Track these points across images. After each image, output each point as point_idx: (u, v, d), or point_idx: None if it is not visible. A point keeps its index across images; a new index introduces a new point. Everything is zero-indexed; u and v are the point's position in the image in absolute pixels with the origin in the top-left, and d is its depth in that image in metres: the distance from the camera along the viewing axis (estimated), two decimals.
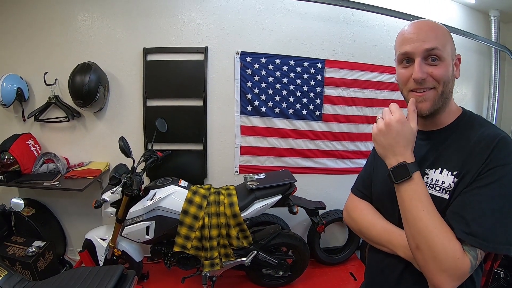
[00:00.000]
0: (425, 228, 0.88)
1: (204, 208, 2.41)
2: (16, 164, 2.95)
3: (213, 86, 2.91)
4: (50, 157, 3.03)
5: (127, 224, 2.46)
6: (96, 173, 2.85)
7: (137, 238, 2.48)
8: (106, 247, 2.67)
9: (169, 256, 2.55)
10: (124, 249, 2.68)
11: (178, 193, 2.44)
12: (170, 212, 2.40)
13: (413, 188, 0.92)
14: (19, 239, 3.07)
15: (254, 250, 2.49)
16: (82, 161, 3.10)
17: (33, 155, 3.05)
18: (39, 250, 2.87)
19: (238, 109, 2.94)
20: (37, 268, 2.78)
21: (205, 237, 2.38)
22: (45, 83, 2.98)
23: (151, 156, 2.60)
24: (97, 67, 2.81)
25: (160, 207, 2.39)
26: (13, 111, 3.26)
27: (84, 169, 2.93)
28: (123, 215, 2.46)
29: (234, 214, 2.39)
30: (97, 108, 2.89)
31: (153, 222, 2.40)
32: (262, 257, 2.53)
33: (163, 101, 2.91)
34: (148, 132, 2.92)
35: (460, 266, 0.85)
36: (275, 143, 3.03)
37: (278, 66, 2.92)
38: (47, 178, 2.88)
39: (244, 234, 2.45)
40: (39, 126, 3.18)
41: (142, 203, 2.41)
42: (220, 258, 2.42)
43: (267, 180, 2.56)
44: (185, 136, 2.93)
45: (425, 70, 0.96)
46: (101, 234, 2.72)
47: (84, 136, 3.06)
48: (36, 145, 3.10)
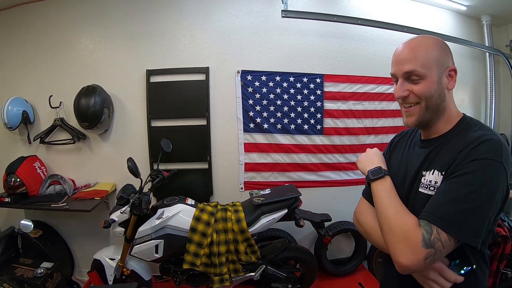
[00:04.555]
0: (385, 211, 1.07)
1: (212, 225, 2.44)
2: (23, 186, 2.98)
3: (215, 105, 2.97)
4: (57, 179, 3.06)
5: (136, 243, 2.48)
6: (103, 193, 2.88)
7: (146, 256, 2.50)
8: (115, 266, 2.68)
9: (178, 273, 2.57)
10: (133, 268, 2.69)
11: (186, 211, 2.47)
12: (178, 230, 2.43)
13: (383, 184, 1.14)
14: (27, 261, 3.07)
15: (262, 264, 2.52)
16: (89, 183, 3.13)
17: (39, 177, 3.08)
18: (47, 271, 2.88)
19: (241, 127, 2.99)
20: None
21: (213, 254, 2.41)
22: (50, 106, 3.03)
23: (158, 176, 2.64)
24: (101, 89, 2.87)
25: (168, 225, 2.42)
26: (18, 134, 3.30)
27: (91, 190, 2.96)
28: (132, 234, 2.49)
29: (241, 230, 2.42)
30: (102, 130, 2.94)
31: (162, 240, 2.42)
32: (270, 271, 2.56)
33: (167, 122, 2.96)
34: (153, 152, 2.96)
35: (411, 237, 0.96)
36: (279, 158, 3.07)
37: (278, 83, 2.98)
38: (55, 200, 2.91)
39: (252, 249, 2.48)
40: (44, 149, 3.22)
41: (151, 222, 2.43)
42: (229, 274, 2.45)
43: (273, 195, 2.59)
44: (189, 155, 2.98)
45: (406, 88, 1.08)
46: (110, 254, 2.74)
47: (90, 157, 3.10)
48: (42, 167, 3.14)
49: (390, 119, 3.23)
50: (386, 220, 1.05)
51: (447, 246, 0.94)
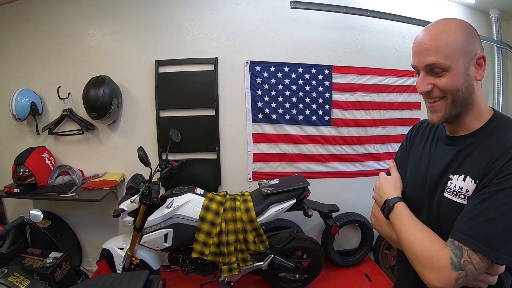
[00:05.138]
0: (407, 239, 1.01)
1: (221, 214, 2.45)
2: (32, 177, 3.00)
3: (224, 95, 2.98)
4: (66, 170, 3.08)
5: (146, 233, 2.49)
6: (112, 183, 2.89)
7: (155, 246, 2.52)
8: (124, 256, 2.70)
9: (187, 263, 2.59)
10: (142, 258, 2.71)
11: (195, 201, 2.49)
12: (187, 220, 2.45)
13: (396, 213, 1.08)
14: (36, 251, 3.10)
15: (270, 254, 2.53)
16: (97, 173, 3.15)
17: (48, 167, 3.10)
18: (56, 261, 2.90)
19: (250, 117, 3.00)
20: (54, 279, 2.81)
21: (222, 243, 2.43)
22: (59, 97, 3.04)
23: (167, 166, 2.66)
24: (110, 80, 2.87)
25: (177, 215, 2.44)
26: (27, 125, 3.32)
27: (100, 180, 2.97)
28: (141, 224, 2.50)
29: (250, 219, 2.44)
30: (111, 121, 2.95)
31: (171, 229, 2.44)
32: (278, 261, 2.57)
33: (176, 112, 2.97)
34: (161, 142, 2.98)
35: (437, 262, 0.92)
36: (287, 149, 3.08)
37: (287, 74, 2.98)
38: (63, 190, 2.93)
39: (261, 239, 2.49)
40: (53, 139, 3.23)
41: (160, 211, 2.44)
42: (237, 263, 2.47)
43: (282, 185, 2.60)
44: (198, 145, 2.99)
45: (429, 82, 0.98)
46: (119, 244, 2.76)
47: (98, 148, 3.12)
48: (51, 158, 3.15)
49: (398, 111, 3.22)
50: (409, 246, 0.99)
51: (480, 267, 0.89)
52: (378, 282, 2.90)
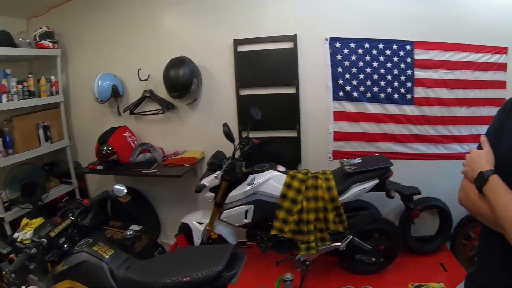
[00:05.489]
0: (503, 211, 0.93)
1: (302, 192, 2.43)
2: (114, 155, 3.18)
3: (304, 72, 2.92)
4: (147, 147, 3.21)
5: (226, 208, 2.55)
6: (192, 160, 2.97)
7: (235, 221, 2.56)
8: (203, 230, 2.78)
9: (265, 239, 2.60)
10: (220, 233, 2.78)
11: (277, 178, 2.49)
12: (269, 196, 2.46)
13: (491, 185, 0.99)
14: (116, 223, 3.28)
15: (349, 235, 2.48)
16: (177, 151, 3.27)
17: (130, 146, 3.26)
18: (136, 233, 3.05)
19: (330, 95, 2.94)
20: (134, 250, 2.95)
21: (302, 221, 2.41)
22: (139, 79, 3.17)
23: (248, 143, 2.68)
24: (189, 60, 2.93)
25: (259, 191, 2.46)
26: (108, 106, 3.51)
27: (180, 158, 3.08)
28: (222, 199, 2.55)
29: (332, 198, 2.39)
30: (191, 100, 3.02)
31: (252, 206, 2.47)
32: (356, 243, 2.51)
33: (256, 90, 2.98)
34: (241, 120, 3.01)
35: None
36: (368, 128, 2.99)
37: (368, 50, 2.87)
38: (145, 167, 3.07)
39: (340, 219, 2.44)
40: (134, 119, 3.39)
41: (242, 187, 2.48)
42: (316, 242, 2.43)
43: (364, 164, 2.53)
44: (278, 123, 2.98)
45: None
46: (198, 218, 2.84)
47: (178, 126, 3.23)
48: (133, 137, 3.31)
49: (483, 91, 2.98)
50: (507, 218, 0.92)
51: None
52: (454, 273, 2.70)
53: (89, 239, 2.03)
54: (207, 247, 1.81)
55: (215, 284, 1.52)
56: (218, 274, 1.51)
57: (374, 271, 2.70)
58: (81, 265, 1.87)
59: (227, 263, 1.56)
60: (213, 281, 1.52)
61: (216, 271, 1.51)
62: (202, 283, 1.53)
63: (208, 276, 1.52)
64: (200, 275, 1.53)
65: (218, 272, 1.51)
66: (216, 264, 1.54)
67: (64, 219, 2.10)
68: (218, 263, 1.54)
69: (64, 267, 1.92)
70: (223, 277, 1.52)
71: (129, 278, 1.75)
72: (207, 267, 1.54)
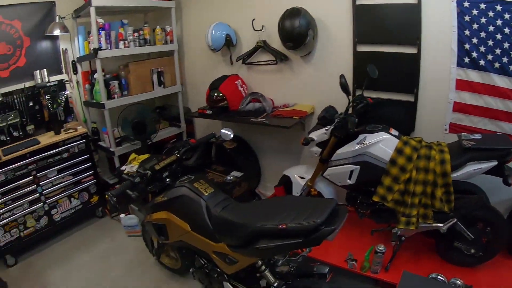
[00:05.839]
0: None
1: (413, 160, 2.23)
2: (224, 101, 3.29)
3: (427, 33, 2.59)
4: (257, 97, 3.26)
5: (331, 166, 2.48)
6: (302, 114, 2.94)
7: (338, 181, 2.49)
8: (303, 185, 2.78)
9: (364, 205, 2.50)
10: (320, 190, 2.75)
11: (388, 141, 2.31)
12: (377, 160, 2.31)
13: None
14: (219, 168, 3.47)
15: (454, 217, 2.22)
16: (287, 103, 3.25)
17: (240, 94, 3.34)
18: (236, 179, 3.19)
19: (455, 60, 2.58)
20: (232, 195, 3.08)
21: (408, 192, 2.23)
22: (254, 29, 3.18)
23: (362, 101, 2.54)
24: (305, 11, 2.82)
25: (368, 152, 2.32)
26: (221, 55, 3.62)
27: (290, 110, 3.07)
28: (328, 156, 2.50)
29: (443, 173, 2.15)
30: (305, 52, 2.94)
31: (358, 167, 2.36)
32: (459, 228, 2.23)
33: (374, 47, 2.75)
34: (356, 77, 2.84)
35: None
36: (492, 103, 2.59)
37: (499, 13, 2.42)
38: (254, 115, 3.12)
39: (448, 198, 2.19)
40: (246, 69, 3.46)
41: (350, 146, 2.38)
42: (417, 218, 2.24)
43: (485, 142, 2.20)
44: (395, 84, 2.75)
45: None
46: (300, 173, 2.84)
47: (290, 79, 3.19)
48: (243, 86, 3.39)
49: None
50: None
51: None
52: None
53: (191, 176, 2.15)
54: (309, 198, 1.76)
55: (310, 237, 1.45)
56: (316, 227, 1.43)
57: (469, 264, 2.38)
58: (180, 198, 2.00)
59: (327, 217, 1.47)
60: (309, 234, 1.45)
61: (315, 223, 1.43)
62: (298, 233, 1.48)
63: (305, 227, 1.45)
64: (297, 225, 1.48)
65: (317, 225, 1.43)
66: (315, 216, 1.46)
67: (170, 156, 2.25)
68: (318, 216, 1.46)
69: (163, 198, 2.08)
70: (320, 231, 1.44)
71: (224, 217, 1.80)
72: (306, 218, 1.48)
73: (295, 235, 1.48)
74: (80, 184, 3.60)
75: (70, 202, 3.56)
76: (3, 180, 3.03)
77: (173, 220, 2.03)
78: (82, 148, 3.53)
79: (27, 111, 3.43)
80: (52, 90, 3.51)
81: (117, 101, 3.55)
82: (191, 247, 2.08)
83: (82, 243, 3.55)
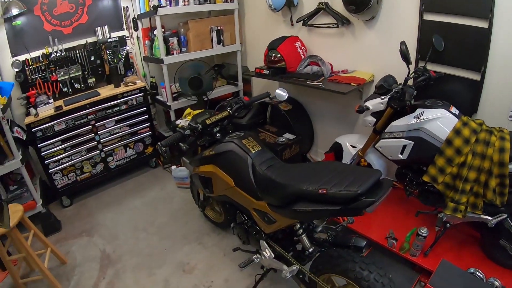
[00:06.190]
0: None
1: (470, 144, 2.05)
2: (282, 62, 3.26)
3: (502, 7, 2.25)
4: (316, 60, 3.18)
5: (384, 137, 2.38)
6: (360, 81, 2.82)
7: (389, 154, 2.39)
8: (354, 154, 2.72)
9: (413, 184, 2.39)
10: (371, 162, 2.68)
11: (447, 119, 2.14)
12: (432, 137, 2.16)
13: None
14: (272, 129, 3.49)
15: (504, 213, 2.02)
16: (346, 69, 3.14)
17: (299, 56, 3.28)
18: (288, 142, 3.19)
19: None
20: (281, 157, 3.12)
21: (460, 177, 2.06)
22: None
23: (424, 74, 2.37)
24: None
25: (423, 128, 2.18)
26: (281, 15, 3.53)
27: (348, 76, 2.96)
28: (382, 127, 2.40)
29: (501, 162, 1.95)
30: (368, 16, 2.77)
31: (412, 142, 2.23)
32: (508, 225, 2.04)
33: (442, 17, 2.49)
34: (420, 48, 2.62)
35: None
36: None
37: None
38: (311, 78, 3.05)
39: (502, 190, 2.00)
40: (306, 31, 3.36)
41: (407, 119, 2.24)
42: (466, 206, 2.08)
43: None
44: (460, 60, 2.50)
45: None
46: (353, 141, 2.78)
47: (351, 44, 3.05)
48: (303, 48, 3.31)
49: None
50: None
51: None
52: None
53: (240, 132, 2.17)
54: (355, 167, 1.67)
55: (349, 206, 1.43)
56: (356, 196, 1.40)
57: (511, 267, 2.17)
58: (227, 153, 2.04)
59: (369, 188, 1.43)
60: (348, 202, 1.43)
61: (356, 193, 1.39)
62: (337, 200, 1.46)
63: (345, 195, 1.43)
64: (337, 192, 1.45)
65: (357, 195, 1.40)
66: (357, 185, 1.42)
67: (222, 111, 2.28)
68: (359, 185, 1.42)
69: (211, 152, 2.13)
70: (360, 201, 1.41)
71: (267, 176, 1.82)
72: (347, 186, 1.45)
73: (334, 201, 1.47)
74: (136, 135, 3.84)
75: (125, 151, 3.82)
76: (63, 128, 3.32)
77: (218, 174, 2.10)
78: (140, 101, 3.73)
79: (88, 65, 3.67)
80: (113, 46, 3.71)
81: (176, 57, 3.64)
82: (234, 202, 2.15)
83: (133, 190, 3.82)
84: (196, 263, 2.70)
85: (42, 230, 3.11)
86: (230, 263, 2.66)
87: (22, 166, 2.95)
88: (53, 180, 3.40)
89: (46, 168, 3.33)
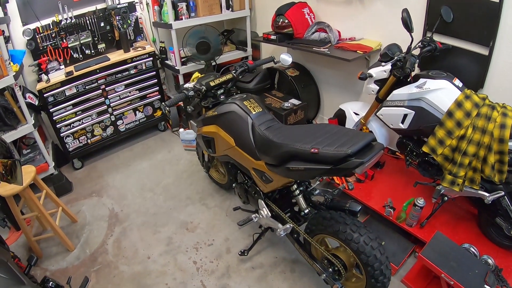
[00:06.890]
0: None
1: (471, 117, 2.04)
2: (289, 28, 3.25)
3: None
4: (323, 27, 3.15)
5: (386, 105, 2.39)
6: (367, 49, 2.80)
7: (390, 122, 2.41)
8: (356, 121, 2.75)
9: (413, 154, 2.42)
10: (373, 130, 2.70)
11: (449, 91, 2.12)
12: (433, 108, 2.16)
13: None
14: (278, 94, 3.52)
15: (502, 190, 2.02)
16: (354, 36, 3.12)
17: (306, 22, 3.25)
18: (293, 107, 3.21)
19: None
20: (286, 121, 3.16)
21: (459, 150, 2.06)
22: None
23: (430, 44, 2.33)
24: None
25: (425, 98, 2.18)
26: None
27: (355, 44, 2.94)
28: (385, 95, 2.41)
29: (501, 139, 1.93)
30: None
31: (413, 112, 2.24)
32: (505, 204, 2.05)
33: None
34: (429, 19, 2.56)
35: None
36: None
37: None
38: (317, 45, 3.05)
39: (500, 167, 1.99)
40: None
41: (409, 88, 2.24)
42: (464, 180, 2.09)
43: None
44: (469, 33, 2.43)
45: None
46: (356, 109, 2.80)
47: (359, 11, 3.00)
48: (311, 14, 3.28)
49: None
50: None
51: None
52: None
53: (243, 94, 2.22)
54: (349, 129, 1.69)
55: (338, 165, 1.48)
56: (345, 156, 1.45)
57: (505, 246, 2.19)
58: (229, 114, 2.09)
59: (359, 149, 1.47)
60: (338, 163, 1.48)
61: (345, 153, 1.45)
62: (327, 160, 1.51)
63: (334, 155, 1.48)
64: (328, 152, 1.51)
65: (347, 155, 1.45)
66: (348, 146, 1.48)
67: (226, 74, 2.31)
68: (350, 146, 1.47)
69: (214, 113, 2.19)
70: (350, 161, 1.45)
71: (265, 136, 1.88)
72: (339, 147, 1.50)
73: (325, 161, 1.53)
74: (145, 99, 3.91)
75: (135, 114, 3.89)
76: (74, 93, 3.39)
77: (220, 134, 2.16)
78: (149, 66, 3.77)
79: (98, 31, 3.69)
80: (122, 12, 3.69)
81: (185, 22, 3.64)
82: (235, 162, 2.22)
83: (142, 152, 3.93)
84: (198, 222, 2.82)
85: (54, 191, 3.24)
86: (231, 223, 2.77)
87: (35, 130, 3.05)
88: (64, 143, 3.52)
89: (58, 132, 3.43)
